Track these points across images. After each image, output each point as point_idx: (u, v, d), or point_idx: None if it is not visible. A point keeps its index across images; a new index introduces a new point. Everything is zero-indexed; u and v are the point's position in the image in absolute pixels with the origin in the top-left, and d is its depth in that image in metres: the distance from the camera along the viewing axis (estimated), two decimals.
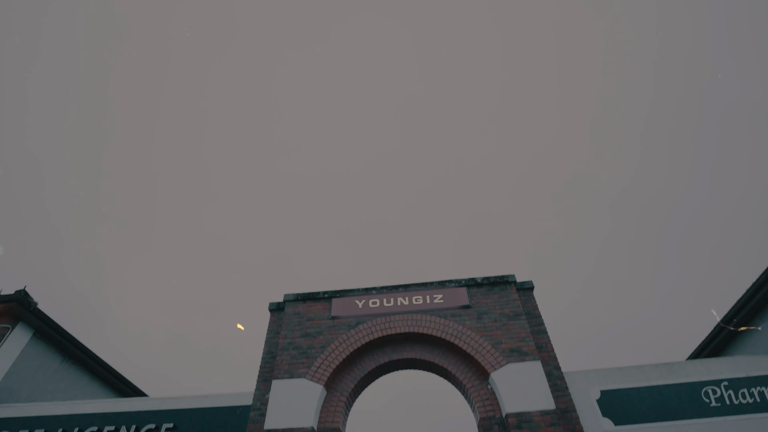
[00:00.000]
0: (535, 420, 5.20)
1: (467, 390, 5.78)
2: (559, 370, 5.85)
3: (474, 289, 6.61)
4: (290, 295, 6.85)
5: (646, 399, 5.65)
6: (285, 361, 6.10)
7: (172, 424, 6.04)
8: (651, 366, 6.02)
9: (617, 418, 5.50)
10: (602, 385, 5.81)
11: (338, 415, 5.66)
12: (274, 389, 5.81)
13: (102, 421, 6.31)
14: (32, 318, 8.45)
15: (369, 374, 6.11)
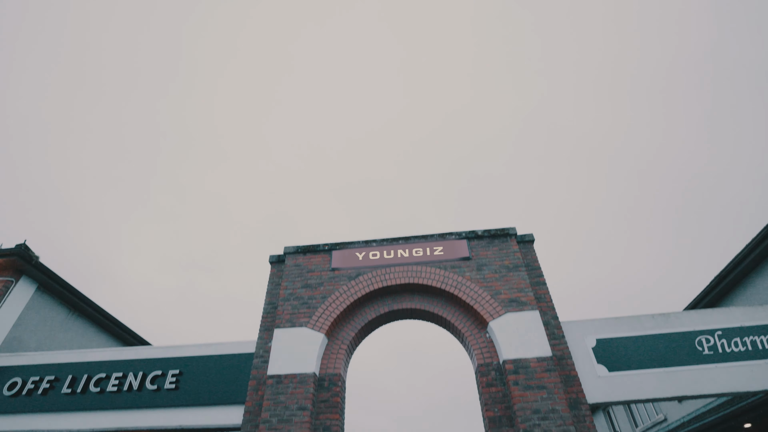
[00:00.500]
0: (531, 366, 5.32)
1: (466, 339, 5.89)
2: (556, 319, 5.93)
3: (474, 241, 6.60)
4: (290, 247, 6.85)
5: (641, 347, 5.77)
6: (286, 311, 6.18)
7: (177, 370, 6.22)
8: (647, 316, 6.10)
9: (611, 365, 5.63)
10: (598, 333, 5.91)
11: (339, 362, 5.80)
12: (277, 337, 5.93)
13: (110, 368, 6.49)
14: (35, 271, 8.52)
15: (369, 324, 6.21)
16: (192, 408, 5.88)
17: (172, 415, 5.87)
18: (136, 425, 5.91)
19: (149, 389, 6.13)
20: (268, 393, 5.45)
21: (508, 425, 5.13)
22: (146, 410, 5.99)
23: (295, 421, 5.17)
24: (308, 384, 5.44)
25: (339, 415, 5.42)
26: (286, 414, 5.24)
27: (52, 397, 6.36)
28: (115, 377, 6.34)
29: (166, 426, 5.82)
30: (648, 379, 5.48)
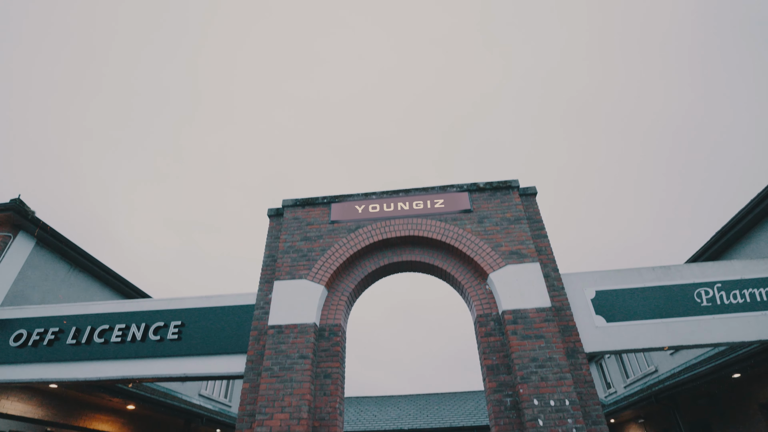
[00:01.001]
0: (530, 316, 5.35)
1: (465, 290, 5.90)
2: (556, 271, 5.92)
3: (476, 193, 6.48)
4: (289, 200, 6.75)
5: (639, 299, 5.79)
6: (286, 263, 6.16)
7: (180, 321, 6.28)
8: (647, 269, 6.09)
9: (609, 316, 5.67)
10: (597, 285, 5.92)
11: (339, 313, 5.84)
12: (276, 289, 5.93)
13: (113, 320, 6.56)
14: (32, 227, 8.45)
15: (369, 276, 6.20)
16: (195, 357, 5.98)
17: (176, 364, 5.98)
18: (141, 374, 6.03)
19: (152, 340, 6.21)
20: (270, 342, 5.51)
21: (506, 373, 5.22)
22: (150, 359, 6.10)
23: (297, 369, 5.26)
24: (309, 334, 5.50)
25: (339, 363, 5.51)
26: (287, 362, 5.32)
27: (57, 348, 6.46)
28: (119, 328, 6.41)
29: (170, 374, 5.94)
30: (645, 330, 5.53)
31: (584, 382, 5.08)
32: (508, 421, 4.92)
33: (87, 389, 8.17)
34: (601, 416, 4.87)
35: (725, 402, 10.46)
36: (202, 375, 5.87)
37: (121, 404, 10.04)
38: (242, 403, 5.36)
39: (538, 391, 4.86)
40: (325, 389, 5.32)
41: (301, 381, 5.16)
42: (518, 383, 4.92)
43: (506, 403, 5.03)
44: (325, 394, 5.28)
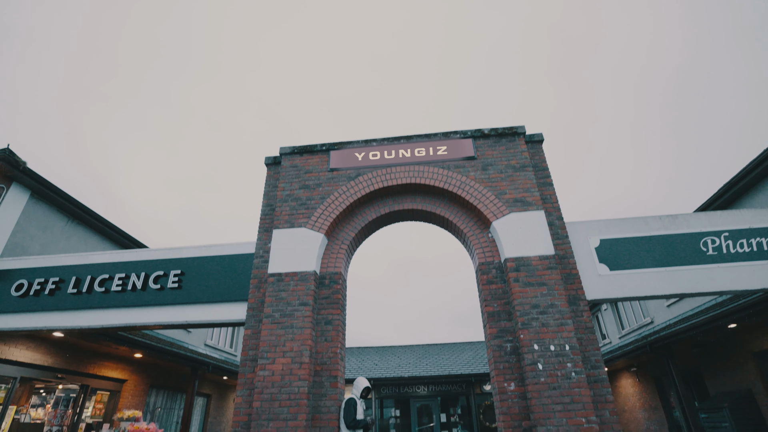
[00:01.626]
0: (533, 264, 5.28)
1: (467, 238, 5.80)
2: (561, 220, 5.79)
3: (480, 140, 6.24)
4: (286, 148, 6.51)
5: (644, 248, 5.70)
6: (285, 212, 6.03)
7: (179, 270, 6.24)
8: (654, 217, 5.95)
9: (613, 264, 5.60)
10: (602, 234, 5.81)
11: (340, 261, 5.78)
12: (276, 238, 5.84)
13: (112, 269, 6.52)
14: (25, 178, 8.28)
15: (370, 224, 6.09)
16: (196, 305, 5.98)
17: (177, 312, 6.00)
18: (142, 321, 6.06)
19: (153, 288, 6.20)
20: (270, 290, 5.48)
21: (507, 319, 5.21)
22: (151, 308, 6.11)
23: (297, 315, 5.26)
24: (309, 281, 5.46)
25: (340, 310, 5.51)
26: (288, 309, 5.31)
27: (59, 297, 6.48)
28: (118, 278, 6.39)
29: (171, 322, 5.97)
30: (648, 278, 5.47)
31: (585, 329, 5.09)
32: (507, 365, 4.97)
33: (93, 338, 8.32)
34: (600, 361, 4.91)
35: (718, 351, 10.70)
36: (203, 322, 5.90)
37: (128, 353, 10.29)
38: (245, 349, 5.41)
39: (539, 336, 4.86)
40: (326, 335, 5.34)
41: (302, 327, 5.17)
42: (519, 329, 4.92)
43: (506, 348, 5.06)
44: (326, 340, 5.31)
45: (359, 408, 5.00)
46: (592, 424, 4.40)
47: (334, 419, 4.89)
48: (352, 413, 4.87)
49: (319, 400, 5.00)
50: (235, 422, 5.01)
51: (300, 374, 4.90)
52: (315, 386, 5.08)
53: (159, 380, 12.41)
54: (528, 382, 4.66)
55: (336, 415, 4.91)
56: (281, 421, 4.70)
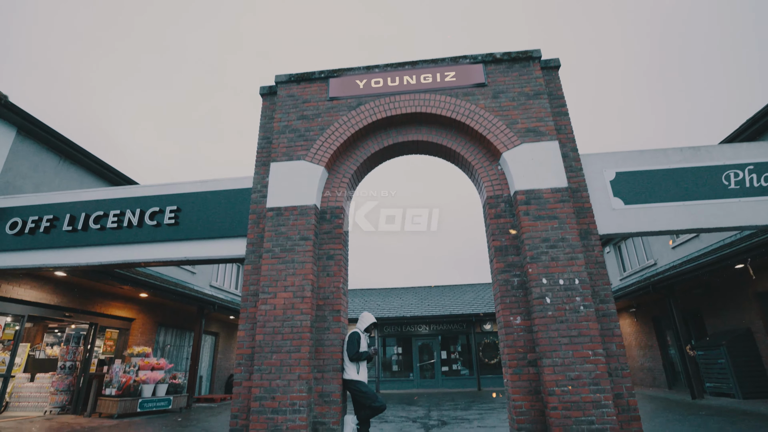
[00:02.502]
0: (544, 197, 5.02)
1: (476, 171, 5.50)
2: (575, 151, 5.45)
3: (491, 65, 5.75)
4: (282, 76, 6.04)
5: (662, 181, 5.39)
6: (282, 144, 5.69)
7: (175, 206, 6.02)
8: (674, 149, 5.60)
9: (628, 198, 5.33)
10: (619, 167, 5.49)
11: (341, 196, 5.53)
12: (273, 172, 5.55)
13: (107, 206, 6.31)
14: (9, 113, 7.88)
15: (372, 157, 5.77)
16: (194, 241, 5.83)
17: (175, 248, 5.86)
18: (140, 258, 5.94)
19: (149, 225, 6.02)
20: (269, 225, 5.28)
21: (514, 254, 5.04)
22: (149, 244, 5.97)
23: (298, 250, 5.09)
24: (309, 216, 5.24)
25: (342, 245, 5.34)
26: (288, 244, 5.14)
27: (54, 235, 6.32)
28: (113, 215, 6.20)
29: (169, 258, 5.85)
30: (665, 213, 5.22)
31: (595, 263, 4.92)
32: (514, 299, 4.85)
33: (93, 276, 8.31)
34: (609, 295, 4.78)
35: (720, 292, 10.71)
36: (202, 258, 5.77)
37: (133, 292, 10.39)
38: (245, 284, 5.31)
39: (548, 270, 4.70)
40: (328, 270, 5.21)
41: (302, 262, 5.02)
42: (527, 263, 4.75)
43: (513, 282, 4.92)
44: (328, 275, 5.19)
45: (363, 341, 4.96)
46: (598, 356, 4.34)
47: (338, 352, 4.86)
48: (355, 346, 4.84)
49: (322, 334, 4.95)
50: (239, 355, 5.00)
51: (302, 308, 4.82)
52: (318, 320, 5.01)
53: (167, 319, 12.69)
54: (535, 316, 4.56)
55: (339, 348, 4.88)
56: (284, 353, 4.67)
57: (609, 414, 4.15)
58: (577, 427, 4.13)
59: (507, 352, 4.69)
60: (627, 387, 4.43)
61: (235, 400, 4.86)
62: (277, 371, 4.61)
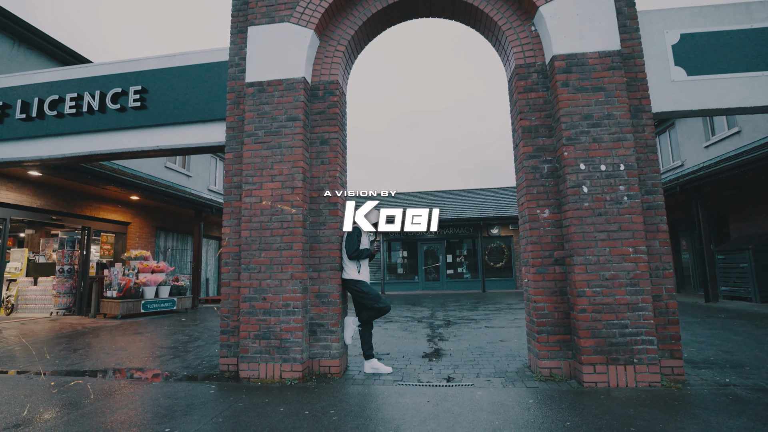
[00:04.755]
0: (589, 63, 3.99)
1: (503, 34, 4.39)
2: (632, 7, 4.28)
3: None
4: None
5: (738, 45, 4.26)
6: (262, 3, 4.53)
7: (139, 86, 5.06)
8: (759, 3, 4.37)
9: (692, 68, 4.26)
10: (685, 27, 4.34)
11: (336, 67, 4.51)
12: (252, 38, 4.48)
13: (62, 89, 5.36)
14: None
15: (373, 19, 4.62)
16: (167, 127, 4.97)
17: (145, 136, 5.03)
18: (106, 149, 5.15)
19: (112, 109, 5.12)
20: (250, 103, 4.37)
21: (546, 135, 4.16)
22: (115, 133, 5.13)
23: (286, 133, 4.24)
24: (297, 91, 4.29)
25: (338, 128, 4.46)
26: (273, 126, 4.27)
27: (8, 126, 5.48)
28: (71, 98, 5.27)
29: (140, 147, 5.05)
30: (738, 86, 4.18)
31: (645, 147, 4.05)
32: (543, 189, 4.09)
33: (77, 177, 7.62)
34: (657, 185, 3.99)
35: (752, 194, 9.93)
36: (177, 147, 4.96)
37: (124, 195, 9.81)
38: (227, 175, 4.56)
39: (588, 154, 3.86)
40: (322, 157, 4.41)
41: (291, 146, 4.20)
42: (563, 145, 3.90)
43: (543, 170, 4.12)
44: (322, 163, 4.40)
45: (363, 238, 4.34)
46: (639, 254, 3.69)
47: (335, 249, 4.26)
48: (354, 243, 4.22)
49: (318, 230, 4.31)
50: (225, 253, 4.44)
51: (292, 200, 4.11)
52: (312, 214, 4.34)
53: (166, 224, 12.33)
54: (567, 208, 3.83)
55: (337, 245, 4.28)
56: (274, 250, 4.07)
57: (646, 317, 3.62)
58: (607, 330, 3.62)
59: (531, 249, 4.05)
60: (667, 288, 3.85)
61: (224, 301, 4.40)
62: (267, 270, 4.06)
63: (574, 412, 2.99)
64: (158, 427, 2.84)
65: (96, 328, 7.49)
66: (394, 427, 2.80)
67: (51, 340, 6.48)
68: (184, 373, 4.37)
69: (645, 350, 3.58)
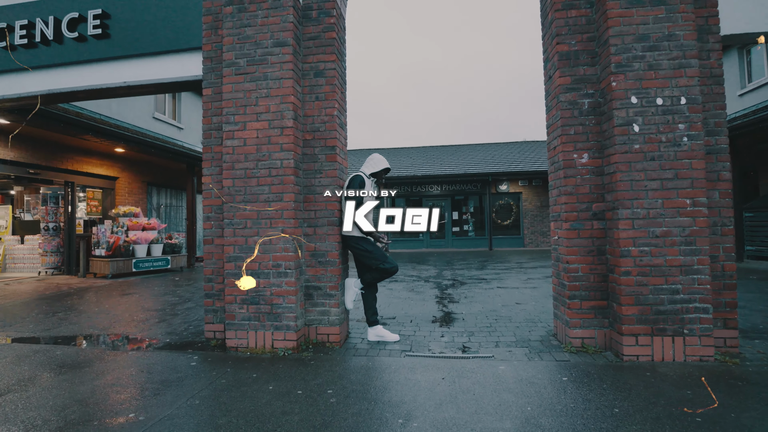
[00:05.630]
0: None
1: None
2: None
3: None
4: None
5: None
6: None
7: (99, 9, 4.26)
8: None
9: None
10: None
11: None
12: None
13: (9, 14, 4.56)
14: None
15: None
16: (134, 60, 4.23)
17: (110, 71, 4.29)
18: (67, 86, 4.42)
19: (70, 38, 4.34)
20: (229, 26, 3.61)
21: (588, 63, 3.42)
22: (74, 67, 4.39)
23: (272, 62, 3.51)
24: (285, 9, 3.52)
25: (336, 56, 3.72)
26: (257, 53, 3.54)
27: None
28: (20, 26, 4.47)
29: (105, 84, 4.32)
30: None
31: (710, 77, 3.32)
32: (582, 129, 3.41)
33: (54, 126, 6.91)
34: (722, 124, 3.30)
35: None
36: (147, 83, 4.24)
37: (106, 147, 9.11)
38: (206, 115, 3.88)
39: (641, 84, 3.15)
40: (316, 92, 3.70)
41: (279, 78, 3.49)
42: (611, 74, 3.17)
43: (582, 105, 3.42)
44: (317, 99, 3.69)
45: (368, 188, 3.71)
46: (699, 206, 3.07)
47: (334, 201, 3.65)
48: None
49: (312, 178, 3.68)
50: (206, 207, 3.84)
51: (282, 143, 3.45)
52: (306, 160, 3.70)
53: (158, 178, 11.70)
54: (613, 151, 3.17)
55: (336, 197, 3.66)
56: (262, 202, 3.46)
57: (701, 282, 3.04)
58: (654, 296, 3.07)
59: (565, 201, 3.43)
60: (725, 248, 3.26)
61: (208, 260, 3.85)
62: (254, 225, 3.48)
63: (621, 395, 2.49)
64: (121, 410, 2.35)
65: (82, 289, 7.06)
66: (404, 413, 2.30)
67: (31, 302, 6.05)
68: (167, 341, 3.90)
69: (698, 319, 3.04)
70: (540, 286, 6.75)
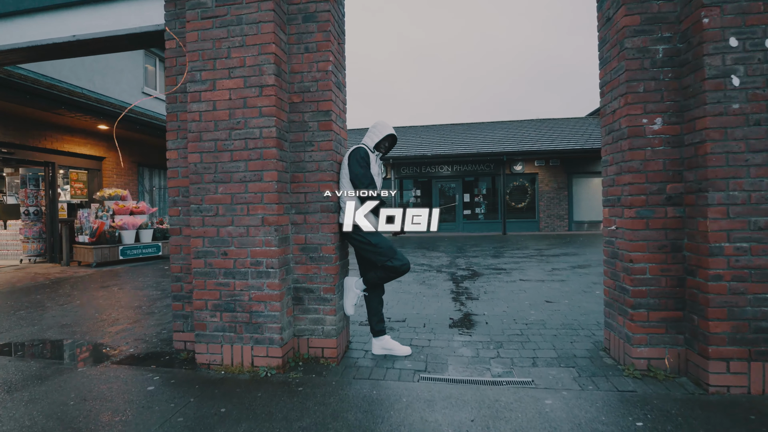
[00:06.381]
0: None
1: None
2: None
3: None
4: None
5: None
6: None
7: None
8: None
9: None
10: None
11: None
12: None
13: None
14: None
15: None
16: (84, 7, 3.43)
17: (57, 22, 3.50)
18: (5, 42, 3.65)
19: None
20: None
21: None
22: (11, 20, 3.61)
23: (248, 1, 2.70)
24: None
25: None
26: None
27: None
28: None
29: (51, 39, 3.53)
30: None
31: None
32: (654, 85, 2.58)
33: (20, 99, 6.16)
34: None
35: None
36: (101, 35, 3.44)
37: (91, 123, 8.36)
38: (169, 74, 3.10)
39: (744, 21, 2.31)
40: (305, 40, 2.88)
41: (257, 22, 2.68)
42: (701, 6, 2.33)
43: (656, 53, 2.58)
44: (307, 50, 2.88)
45: (373, 165, 2.93)
46: None
47: (329, 180, 2.87)
48: (361, 168, 2.83)
49: (301, 151, 2.90)
50: (172, 189, 3.10)
51: (261, 106, 2.67)
52: (293, 128, 2.92)
53: (149, 159, 10.98)
54: (702, 113, 2.35)
55: (331, 175, 2.88)
56: (237, 182, 2.70)
57: None
58: (753, 309, 2.29)
59: (628, 181, 2.62)
60: None
61: (175, 255, 3.13)
62: (227, 212, 2.73)
63: None
64: None
65: (60, 280, 6.43)
66: None
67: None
68: (130, 351, 3.22)
69: None
70: (569, 278, 5.98)
